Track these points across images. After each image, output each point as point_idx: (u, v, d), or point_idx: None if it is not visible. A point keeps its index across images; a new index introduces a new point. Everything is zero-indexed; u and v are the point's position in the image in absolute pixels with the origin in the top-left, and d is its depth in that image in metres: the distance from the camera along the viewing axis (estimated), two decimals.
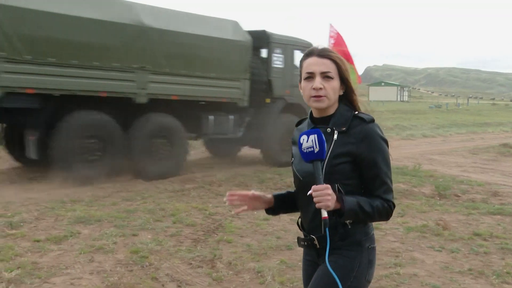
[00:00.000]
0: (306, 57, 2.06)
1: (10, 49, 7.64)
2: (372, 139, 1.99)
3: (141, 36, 8.98)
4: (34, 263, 4.69)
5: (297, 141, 2.03)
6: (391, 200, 2.01)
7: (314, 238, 2.06)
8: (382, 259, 5.07)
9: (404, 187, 8.80)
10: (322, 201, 1.83)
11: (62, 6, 8.13)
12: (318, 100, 2.00)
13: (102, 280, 4.37)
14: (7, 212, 6.47)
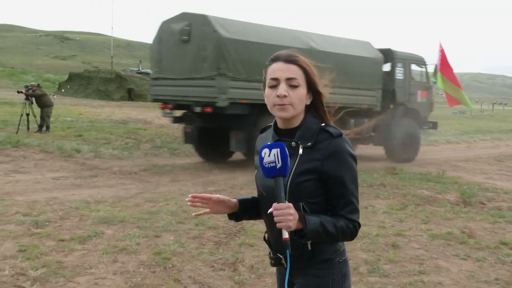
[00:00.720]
0: (271, 62, 1.90)
1: (234, 70, 10.48)
2: (340, 156, 1.84)
3: (311, 57, 10.89)
4: (59, 262, 4.75)
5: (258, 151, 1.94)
6: (356, 220, 1.88)
7: (281, 258, 1.94)
8: (405, 266, 5.02)
9: (428, 193, 8.69)
10: (283, 221, 1.70)
11: (268, 38, 11.02)
12: (282, 109, 1.84)
13: (126, 280, 4.41)
14: (33, 211, 6.58)
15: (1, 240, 5.30)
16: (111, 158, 11.86)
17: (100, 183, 8.93)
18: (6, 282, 4.26)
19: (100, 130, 17.07)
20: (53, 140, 13.99)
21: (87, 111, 26.59)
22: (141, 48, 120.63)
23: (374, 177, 10.02)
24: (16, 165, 10.28)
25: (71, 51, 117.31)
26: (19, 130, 15.81)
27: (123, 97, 42.23)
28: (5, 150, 11.90)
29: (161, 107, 12.28)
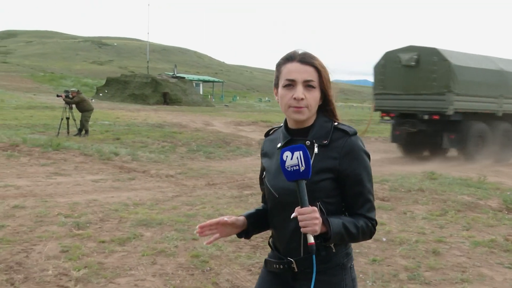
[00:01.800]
0: (286, 62, 1.86)
1: (458, 88, 14.39)
2: (356, 154, 1.83)
3: (501, 77, 15.68)
4: (100, 263, 4.84)
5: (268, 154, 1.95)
6: (374, 218, 1.88)
7: (292, 261, 1.88)
8: (447, 274, 4.90)
9: (469, 199, 8.47)
10: (309, 226, 1.67)
11: (479, 63, 15.34)
12: (299, 112, 1.82)
13: (165, 283, 4.45)
14: (74, 213, 6.73)
15: (45, 241, 5.44)
16: (148, 161, 12.04)
17: (138, 185, 9.06)
18: (50, 282, 4.37)
19: (137, 134, 17.36)
20: (92, 143, 14.33)
21: (124, 115, 27.09)
22: (176, 53, 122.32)
23: (412, 181, 9.84)
24: (57, 167, 10.56)
25: (108, 56, 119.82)
26: (59, 134, 16.26)
27: (158, 101, 42.90)
28: (46, 153, 12.25)
29: (383, 115, 16.48)
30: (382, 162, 14.32)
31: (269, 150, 2.00)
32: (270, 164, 1.96)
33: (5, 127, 18.03)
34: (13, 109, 28.25)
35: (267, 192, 1.97)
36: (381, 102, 16.25)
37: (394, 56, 15.57)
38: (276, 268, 1.96)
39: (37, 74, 79.17)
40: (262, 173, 2.03)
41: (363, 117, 34.89)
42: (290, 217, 1.75)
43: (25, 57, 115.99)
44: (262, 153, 2.05)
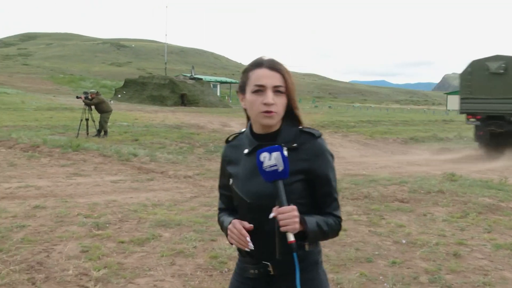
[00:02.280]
0: (255, 68, 1.90)
1: None
2: (324, 156, 1.90)
3: None
4: (120, 263, 4.87)
5: (233, 161, 1.98)
6: (340, 216, 1.96)
7: (268, 265, 1.90)
8: (469, 277, 4.82)
9: (490, 201, 8.33)
10: (289, 224, 1.71)
11: None
12: (270, 117, 1.85)
13: (184, 283, 4.46)
14: (94, 213, 6.79)
15: (65, 241, 5.50)
16: (166, 162, 12.10)
17: (156, 186, 9.12)
18: (71, 281, 4.41)
19: (155, 135, 17.47)
20: (111, 144, 14.46)
21: (142, 116, 27.29)
22: (193, 55, 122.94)
23: (431, 183, 9.72)
24: (77, 168, 10.68)
25: (126, 58, 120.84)
26: (79, 135, 16.44)
27: (176, 102, 43.15)
28: (66, 153, 12.40)
29: (469, 117, 17.89)
30: (400, 163, 14.19)
31: (234, 156, 2.01)
32: (238, 170, 1.97)
33: (25, 128, 18.30)
34: (34, 110, 28.66)
35: (236, 198, 1.97)
36: (468, 105, 17.88)
37: (482, 65, 17.37)
38: (252, 273, 1.97)
39: (56, 76, 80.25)
40: (226, 180, 2.04)
41: (381, 118, 34.64)
42: (263, 221, 1.79)
43: (45, 59, 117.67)
44: (226, 160, 2.06)
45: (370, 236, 6.11)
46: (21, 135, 15.15)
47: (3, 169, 10.30)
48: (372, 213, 7.33)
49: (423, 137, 21.49)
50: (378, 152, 16.80)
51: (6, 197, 7.70)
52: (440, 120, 36.68)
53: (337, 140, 20.01)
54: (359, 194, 8.68)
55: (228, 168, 2.03)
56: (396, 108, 74.49)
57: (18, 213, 6.66)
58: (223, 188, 2.09)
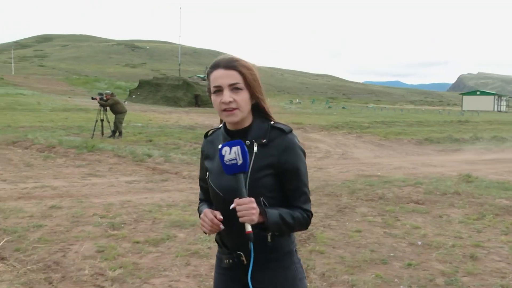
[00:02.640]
0: (212, 70, 1.95)
1: None
2: (293, 151, 1.95)
3: None
4: (135, 263, 4.90)
5: (209, 155, 2.05)
6: (309, 210, 2.00)
7: (241, 255, 1.98)
8: (486, 279, 4.76)
9: (507, 203, 8.23)
10: (246, 215, 1.79)
11: None
12: (231, 114, 1.91)
13: (198, 284, 4.47)
14: (109, 213, 6.84)
15: (81, 241, 5.55)
16: (180, 162, 12.15)
17: (171, 187, 9.15)
18: (87, 281, 4.44)
19: (169, 136, 17.55)
20: (125, 145, 14.56)
21: (156, 117, 27.45)
22: (207, 56, 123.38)
23: (447, 184, 9.63)
24: (92, 168, 10.76)
25: (140, 59, 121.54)
26: (94, 135, 16.56)
27: (190, 103, 43.28)
28: (82, 154, 12.52)
29: None
30: (415, 164, 14.08)
31: (210, 151, 2.09)
32: (213, 165, 2.05)
33: (41, 129, 18.51)
34: (49, 111, 28.97)
35: (211, 192, 2.05)
36: None
37: None
38: (227, 263, 2.06)
39: (71, 77, 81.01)
40: (204, 173, 2.12)
41: (395, 119, 34.42)
42: (235, 213, 1.83)
43: (61, 60, 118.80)
44: (203, 154, 2.14)
45: (385, 238, 6.07)
46: (37, 135, 15.32)
47: (20, 169, 10.42)
48: (387, 214, 7.29)
49: (438, 138, 21.29)
50: (392, 153, 16.68)
51: (23, 197, 7.79)
52: (456, 121, 36.28)
53: (351, 141, 19.92)
54: (374, 195, 8.63)
55: (206, 162, 2.11)
56: (411, 108, 73.93)
57: (35, 213, 6.73)
58: (202, 180, 2.17)
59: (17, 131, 17.34)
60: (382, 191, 8.95)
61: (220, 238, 2.09)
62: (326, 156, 15.15)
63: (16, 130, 17.70)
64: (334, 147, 17.47)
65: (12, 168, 10.48)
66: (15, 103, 33.68)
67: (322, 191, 8.96)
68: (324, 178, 10.63)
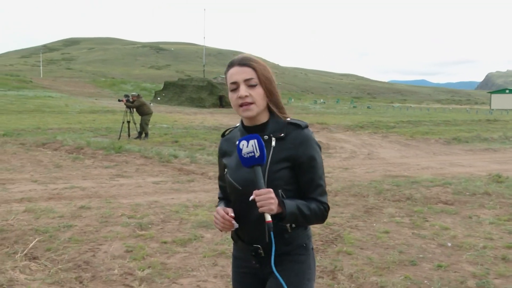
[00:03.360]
0: (229, 68, 2.03)
1: None
2: (309, 144, 2.01)
3: None
4: (163, 263, 4.94)
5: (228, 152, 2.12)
6: (326, 202, 2.05)
7: (259, 247, 2.03)
8: None
9: None
10: (265, 205, 1.84)
11: None
12: (247, 109, 1.98)
13: (226, 284, 4.48)
14: (137, 214, 6.92)
15: (110, 241, 5.63)
16: (206, 163, 12.21)
17: (197, 187, 9.21)
18: (116, 280, 4.50)
19: (194, 136, 17.66)
20: (151, 146, 14.71)
21: (181, 118, 27.66)
22: (231, 57, 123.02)
23: (476, 185, 9.46)
24: (119, 169, 10.90)
25: (165, 61, 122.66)
26: (120, 137, 16.78)
27: (214, 104, 43.52)
28: (109, 155, 12.69)
29: None
30: (443, 164, 13.86)
31: (227, 148, 2.16)
32: (231, 160, 2.11)
33: (70, 130, 18.84)
34: (77, 113, 29.47)
35: (229, 186, 2.11)
36: None
37: None
38: (244, 256, 2.12)
39: (98, 79, 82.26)
40: (222, 171, 2.19)
41: (422, 119, 33.95)
42: (252, 206, 1.88)
43: (88, 63, 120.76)
44: (221, 153, 2.22)
45: (413, 239, 5.98)
46: (66, 137, 15.61)
47: (50, 170, 10.62)
48: (415, 215, 7.19)
49: (466, 138, 20.90)
50: (419, 153, 16.44)
51: (53, 198, 7.94)
52: (484, 120, 35.59)
53: (377, 141, 19.72)
54: (401, 196, 8.53)
55: (223, 159, 2.18)
56: (438, 107, 72.80)
57: (65, 213, 6.85)
58: (220, 179, 2.26)
59: (46, 133, 17.69)
60: (410, 191, 8.84)
61: (236, 232, 2.13)
62: (351, 156, 15.03)
63: (45, 132, 18.06)
64: (360, 147, 17.33)
65: (42, 169, 10.69)
66: (44, 106, 34.39)
67: (349, 192, 8.90)
68: (350, 178, 10.55)
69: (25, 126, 20.04)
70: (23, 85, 63.01)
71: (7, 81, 63.97)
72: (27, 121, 22.74)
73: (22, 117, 25.24)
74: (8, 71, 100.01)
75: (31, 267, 4.74)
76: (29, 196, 7.96)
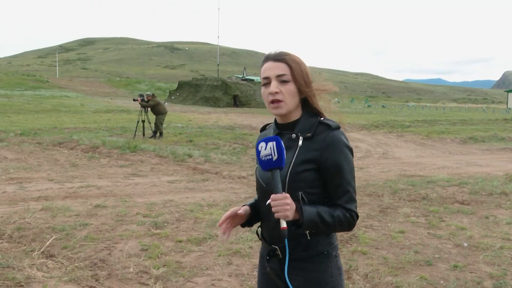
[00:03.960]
0: (263, 63, 1.98)
1: None
2: (337, 147, 1.90)
3: None
4: (178, 262, 4.97)
5: None
6: (354, 210, 1.91)
7: (276, 249, 1.95)
8: None
9: None
10: (280, 211, 1.75)
11: None
12: (277, 107, 1.92)
13: (241, 283, 4.49)
14: (152, 212, 6.96)
15: (126, 239, 5.67)
16: (220, 162, 12.24)
17: (211, 187, 9.23)
18: (131, 279, 4.54)
19: (209, 136, 17.71)
20: (166, 145, 14.78)
21: (196, 117, 27.74)
22: (245, 56, 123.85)
23: (493, 184, 9.35)
24: (134, 168, 10.97)
25: (180, 61, 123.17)
26: (135, 136, 16.88)
27: (228, 103, 43.58)
28: (124, 154, 12.78)
29: None
30: (459, 164, 13.72)
31: None
32: None
33: (85, 130, 19.01)
34: (92, 112, 29.73)
35: (257, 183, 2.07)
36: None
37: None
38: (264, 256, 2.04)
39: (113, 79, 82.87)
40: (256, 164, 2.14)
41: (437, 118, 33.64)
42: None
43: (103, 63, 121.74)
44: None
45: (429, 239, 5.94)
46: (82, 136, 15.75)
47: (66, 169, 10.73)
48: (431, 215, 7.13)
49: (483, 137, 20.68)
50: (435, 153, 16.30)
51: (70, 196, 8.02)
52: (501, 119, 35.18)
53: (392, 140, 19.59)
54: (417, 196, 8.47)
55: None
56: (453, 107, 72.10)
57: (81, 211, 6.91)
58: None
59: (63, 132, 17.87)
60: (426, 191, 8.77)
61: (261, 231, 2.11)
62: (366, 156, 14.95)
63: (61, 131, 18.25)
64: (375, 147, 17.23)
65: (59, 168, 10.81)
66: (60, 105, 34.76)
67: (364, 191, 8.85)
68: (365, 178, 10.50)
69: (42, 125, 20.27)
70: (40, 85, 63.76)
71: (24, 81, 64.78)
72: (44, 120, 22.99)
73: (39, 116, 25.54)
74: (25, 71, 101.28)
75: (48, 265, 4.80)
76: (46, 195, 8.05)
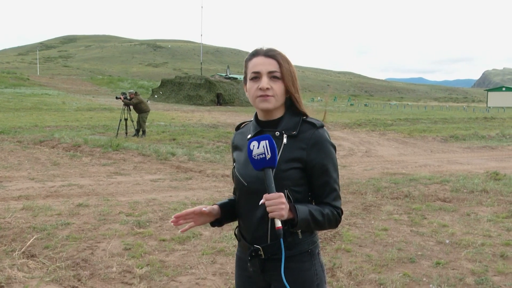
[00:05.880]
0: (252, 57, 1.96)
1: None
2: (323, 145, 1.91)
3: None
4: (162, 261, 4.93)
5: (239, 146, 2.04)
6: (339, 207, 1.94)
7: (259, 249, 1.93)
8: None
9: None
10: (275, 211, 1.73)
11: None
12: (265, 100, 1.90)
13: (225, 282, 4.48)
14: (135, 211, 6.90)
15: (108, 239, 5.61)
16: (204, 161, 12.20)
17: (195, 185, 9.19)
18: (114, 278, 4.49)
19: (192, 134, 17.64)
20: (149, 143, 14.68)
21: (179, 115, 27.60)
22: (228, 54, 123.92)
23: (474, 182, 9.47)
24: (117, 167, 10.88)
25: (163, 59, 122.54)
26: (118, 134, 16.74)
27: (212, 101, 43.44)
28: (107, 153, 12.66)
29: None
30: (441, 162, 13.88)
31: (239, 142, 2.08)
32: (240, 155, 2.04)
33: (67, 128, 18.80)
34: (74, 111, 29.39)
35: (236, 181, 2.04)
36: None
37: None
38: (244, 257, 2.03)
39: (96, 77, 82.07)
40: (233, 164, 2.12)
41: (419, 116, 33.99)
42: (257, 205, 1.83)
43: (85, 61, 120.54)
44: (233, 146, 2.15)
45: (412, 236, 5.99)
46: (63, 135, 15.56)
47: (47, 168, 10.59)
48: (414, 212, 7.20)
49: (463, 135, 20.93)
50: (417, 151, 16.46)
51: (51, 195, 7.91)
52: (481, 118, 35.65)
53: (375, 138, 19.73)
54: (399, 193, 8.53)
55: (234, 153, 2.11)
56: (435, 105, 72.93)
57: (63, 211, 6.83)
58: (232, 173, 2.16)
59: (44, 130, 17.63)
60: (408, 189, 8.85)
61: (239, 230, 2.08)
62: (349, 154, 15.04)
63: (42, 129, 18.01)
64: (358, 145, 17.33)
65: (40, 167, 10.66)
66: (41, 103, 34.29)
67: (347, 189, 8.89)
68: (349, 176, 10.55)
69: (23, 123, 19.98)
70: (20, 82, 62.80)
71: (4, 79, 63.72)
72: (24, 118, 22.67)
73: (19, 114, 25.17)
74: (5, 69, 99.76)
75: (29, 265, 4.72)
76: (27, 194, 7.93)
